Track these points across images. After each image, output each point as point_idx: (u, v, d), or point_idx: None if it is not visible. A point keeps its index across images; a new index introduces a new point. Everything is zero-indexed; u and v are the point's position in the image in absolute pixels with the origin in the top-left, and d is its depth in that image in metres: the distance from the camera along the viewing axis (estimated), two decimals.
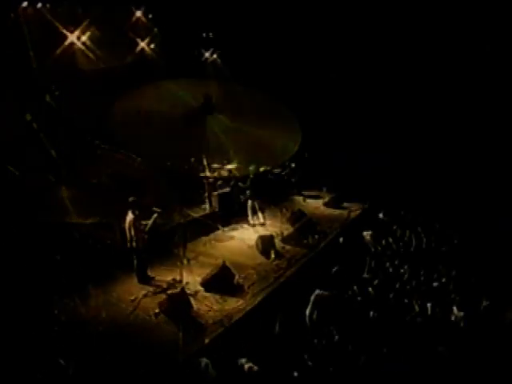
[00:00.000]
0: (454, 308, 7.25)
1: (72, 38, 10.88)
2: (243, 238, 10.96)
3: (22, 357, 5.87)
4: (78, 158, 10.88)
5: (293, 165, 14.84)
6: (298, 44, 16.37)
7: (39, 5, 9.96)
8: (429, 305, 7.40)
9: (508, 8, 14.15)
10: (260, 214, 11.84)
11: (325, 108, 17.40)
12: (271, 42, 16.00)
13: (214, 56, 15.92)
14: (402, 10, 15.28)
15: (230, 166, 12.65)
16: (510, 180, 13.65)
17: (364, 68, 16.94)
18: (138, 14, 12.28)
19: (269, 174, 13.42)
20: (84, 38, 11.08)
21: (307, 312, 6.81)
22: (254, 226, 11.74)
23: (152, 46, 13.27)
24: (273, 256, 9.61)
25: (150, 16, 12.60)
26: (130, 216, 8.04)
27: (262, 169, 12.38)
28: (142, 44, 13.02)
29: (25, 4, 9.74)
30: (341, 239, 10.63)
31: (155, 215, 8.23)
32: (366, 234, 10.88)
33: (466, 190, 13.51)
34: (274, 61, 16.53)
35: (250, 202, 11.82)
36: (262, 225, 11.74)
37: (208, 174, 12.08)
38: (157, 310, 7.20)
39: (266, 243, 9.88)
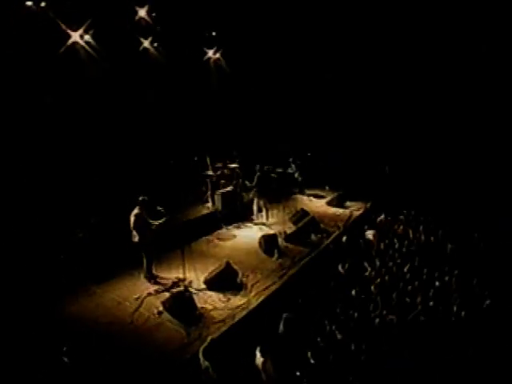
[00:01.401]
0: (456, 307, 7.28)
1: (75, 36, 10.87)
2: (246, 236, 10.98)
3: (24, 356, 5.91)
4: None
5: (295, 164, 14.82)
6: (297, 44, 16.38)
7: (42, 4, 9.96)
8: (431, 303, 7.43)
9: (506, 8, 14.11)
10: (264, 213, 11.86)
11: (325, 107, 17.41)
12: (272, 43, 16.02)
13: (217, 55, 15.91)
14: (399, 9, 15.26)
15: (232, 165, 12.67)
16: (510, 180, 13.61)
17: (361, 68, 16.92)
18: (142, 12, 12.26)
19: (272, 173, 13.42)
20: (87, 37, 11.07)
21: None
22: (257, 224, 11.77)
23: (155, 44, 13.26)
24: (276, 255, 9.62)
25: (154, 15, 12.60)
26: (134, 212, 8.05)
27: (266, 167, 12.39)
28: (145, 43, 13.01)
29: (29, 3, 9.74)
30: (344, 238, 10.64)
31: (164, 218, 8.22)
32: (369, 233, 10.89)
33: (467, 190, 13.48)
34: (274, 61, 16.56)
35: (255, 200, 11.84)
36: (265, 224, 11.76)
37: (211, 172, 12.11)
38: (160, 309, 7.23)
39: (269, 242, 9.89)
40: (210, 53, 15.66)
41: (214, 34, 15.22)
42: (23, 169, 9.58)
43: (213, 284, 8.09)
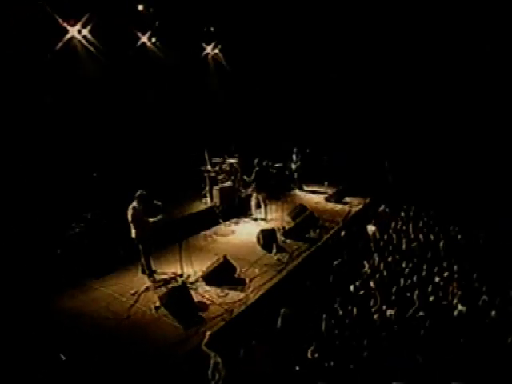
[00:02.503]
0: (456, 303, 7.23)
1: (73, 31, 10.77)
2: (244, 231, 10.95)
3: (23, 355, 5.83)
4: None
5: (294, 159, 14.76)
6: (300, 44, 16.30)
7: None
8: (431, 299, 7.38)
9: (508, 8, 14.02)
10: (263, 208, 11.81)
11: (325, 106, 17.34)
12: (273, 41, 15.93)
13: (216, 51, 15.81)
14: (403, 9, 15.17)
15: (231, 160, 12.60)
16: (510, 180, 13.56)
17: (365, 68, 16.83)
18: (140, 7, 12.17)
19: (270, 168, 13.37)
20: (85, 32, 10.97)
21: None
22: (255, 219, 11.72)
23: (153, 39, 13.17)
24: (274, 250, 9.57)
25: (152, 10, 12.51)
26: (131, 206, 7.94)
27: (264, 162, 12.33)
28: (144, 38, 12.91)
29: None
30: (342, 233, 10.59)
31: (160, 216, 8.14)
32: (369, 228, 10.85)
33: (467, 190, 13.43)
34: (275, 59, 16.48)
35: (254, 195, 11.79)
36: (264, 219, 11.71)
37: (209, 167, 12.04)
38: (157, 304, 7.18)
39: (267, 237, 9.84)
40: (209, 48, 15.54)
41: (212, 29, 15.14)
42: (22, 164, 9.52)
43: (210, 279, 8.04)
